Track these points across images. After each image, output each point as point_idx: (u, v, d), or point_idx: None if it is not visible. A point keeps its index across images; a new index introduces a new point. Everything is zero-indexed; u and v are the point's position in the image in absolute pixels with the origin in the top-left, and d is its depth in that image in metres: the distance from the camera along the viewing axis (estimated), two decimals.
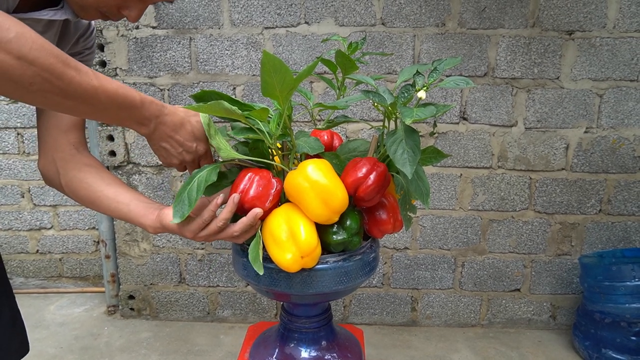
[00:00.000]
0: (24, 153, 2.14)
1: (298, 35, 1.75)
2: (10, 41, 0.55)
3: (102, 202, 0.82)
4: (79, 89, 0.63)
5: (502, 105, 1.78)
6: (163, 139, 0.77)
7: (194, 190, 0.72)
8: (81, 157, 0.87)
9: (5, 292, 0.94)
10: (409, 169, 0.70)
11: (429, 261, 1.92)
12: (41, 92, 0.60)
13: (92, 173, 0.85)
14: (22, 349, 0.96)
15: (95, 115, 0.70)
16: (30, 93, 0.60)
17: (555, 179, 1.83)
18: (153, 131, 0.76)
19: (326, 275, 0.79)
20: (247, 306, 2.00)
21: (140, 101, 0.72)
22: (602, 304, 1.67)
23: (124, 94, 0.69)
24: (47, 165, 0.89)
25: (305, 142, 0.81)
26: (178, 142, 0.78)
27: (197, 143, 0.80)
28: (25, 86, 0.58)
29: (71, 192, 0.86)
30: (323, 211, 0.75)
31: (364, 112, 1.80)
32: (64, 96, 0.62)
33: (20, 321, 0.97)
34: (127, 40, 1.77)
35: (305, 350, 0.90)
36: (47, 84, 0.60)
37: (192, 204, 0.71)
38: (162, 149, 0.79)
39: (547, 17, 1.70)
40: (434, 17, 1.72)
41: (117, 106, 0.68)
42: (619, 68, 1.73)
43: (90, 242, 2.24)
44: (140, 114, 0.72)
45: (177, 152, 0.79)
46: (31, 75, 0.58)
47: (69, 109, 0.65)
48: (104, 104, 0.67)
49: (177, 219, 0.71)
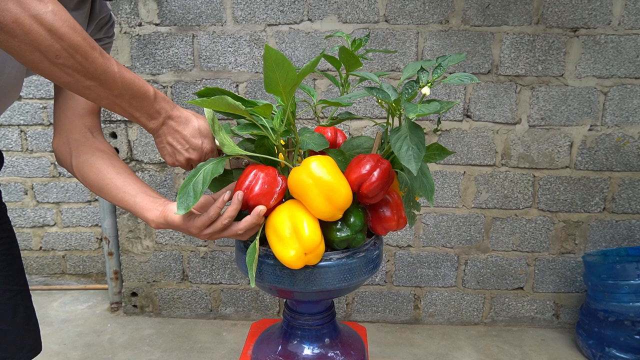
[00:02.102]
0: (27, 150, 2.15)
1: (301, 33, 1.74)
2: (46, 13, 0.59)
3: (109, 190, 0.82)
4: (99, 70, 0.66)
5: (506, 102, 1.77)
6: (170, 134, 0.78)
7: (199, 183, 0.71)
8: (95, 141, 0.88)
9: (22, 291, 0.94)
10: (414, 165, 0.69)
11: (432, 259, 1.92)
12: (64, 67, 0.63)
13: (103, 159, 0.85)
14: (35, 348, 0.96)
15: (109, 100, 0.70)
16: (54, 65, 0.63)
17: (559, 177, 1.82)
18: (161, 125, 0.77)
19: (330, 272, 0.79)
20: (250, 303, 2.00)
21: (154, 94, 0.74)
22: (606, 302, 1.66)
23: (140, 84, 0.72)
24: (60, 145, 0.89)
25: (310, 139, 0.80)
26: (184, 138, 0.79)
27: (203, 140, 0.80)
28: (51, 58, 0.62)
29: (80, 175, 0.86)
30: (327, 208, 0.75)
31: (368, 110, 1.80)
32: (84, 74, 0.65)
33: (34, 320, 0.97)
34: (129, 37, 1.77)
35: (308, 348, 0.90)
36: (71, 60, 0.63)
37: (197, 197, 0.70)
38: (169, 145, 0.79)
39: (551, 13, 1.69)
40: (438, 14, 1.71)
41: (131, 94, 0.71)
42: (624, 65, 1.72)
43: (93, 239, 2.25)
44: (151, 106, 0.74)
45: (184, 149, 0.79)
46: (58, 49, 0.61)
47: (86, 88, 0.67)
48: (120, 90, 0.69)
49: (181, 210, 0.70)
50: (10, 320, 0.91)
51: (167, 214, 0.76)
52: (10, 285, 0.91)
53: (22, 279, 0.94)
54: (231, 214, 0.73)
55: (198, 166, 0.74)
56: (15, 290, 0.92)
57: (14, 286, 0.92)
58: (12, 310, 0.91)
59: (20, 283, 0.93)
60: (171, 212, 0.75)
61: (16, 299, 0.92)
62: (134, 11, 1.75)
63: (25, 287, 0.95)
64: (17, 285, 0.93)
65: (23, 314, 0.93)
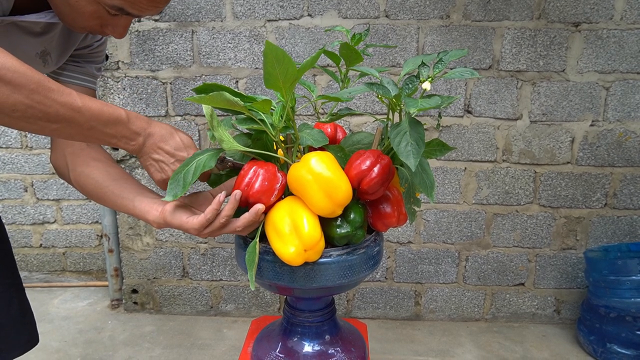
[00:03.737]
0: (27, 147, 2.14)
1: (301, 28, 1.73)
2: None
3: (108, 198, 0.83)
4: (62, 111, 0.63)
5: (507, 98, 1.76)
6: (154, 151, 0.77)
7: (190, 173, 0.71)
8: (90, 151, 0.88)
9: (15, 284, 0.95)
10: (412, 161, 0.69)
11: (433, 255, 1.91)
12: (24, 118, 0.61)
13: (99, 168, 0.85)
14: (32, 340, 0.98)
15: (82, 136, 0.69)
16: (14, 119, 0.60)
17: (561, 173, 1.81)
18: (142, 144, 0.76)
19: (330, 269, 0.78)
20: (250, 300, 2.00)
21: (127, 116, 0.72)
22: (608, 298, 1.66)
23: (109, 111, 0.69)
24: (58, 160, 0.90)
25: (309, 135, 0.80)
26: (169, 152, 0.77)
27: (188, 151, 0.79)
28: (8, 113, 0.59)
29: (80, 187, 0.87)
30: (326, 204, 0.74)
31: (368, 105, 1.79)
32: (47, 120, 0.62)
33: (30, 313, 0.98)
34: (129, 33, 1.76)
35: (308, 345, 0.90)
36: (30, 110, 0.60)
37: (185, 187, 0.70)
38: (155, 162, 0.78)
39: (553, 8, 1.68)
40: (438, 9, 1.70)
41: (103, 123, 0.68)
42: (626, 60, 1.71)
43: (93, 236, 2.24)
44: (127, 128, 0.72)
45: (171, 162, 0.78)
46: (13, 102, 0.58)
47: (55, 131, 0.65)
48: (90, 123, 0.67)
49: (169, 197, 0.71)
50: (4, 313, 0.92)
51: (166, 215, 0.76)
52: (2, 279, 0.93)
53: (15, 273, 0.96)
54: (228, 213, 0.73)
55: (193, 155, 0.73)
56: (8, 284, 0.94)
57: (7, 280, 0.94)
58: (6, 304, 0.93)
59: (13, 277, 0.95)
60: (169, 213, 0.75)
61: (9, 292, 0.93)
62: None
63: (17, 280, 0.96)
64: (10, 279, 0.94)
65: (17, 307, 0.95)
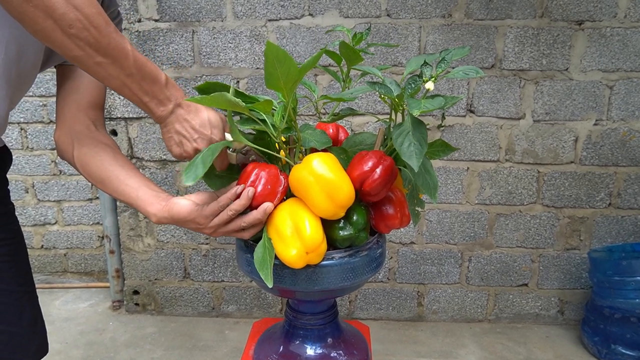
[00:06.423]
0: (27, 148, 2.14)
1: (302, 28, 1.72)
2: None
3: (111, 182, 0.80)
4: (113, 46, 0.64)
5: (510, 97, 1.75)
6: (179, 122, 0.76)
7: (208, 155, 0.70)
8: (98, 134, 0.86)
9: (28, 292, 0.92)
10: (415, 162, 0.68)
11: (435, 256, 1.90)
12: (77, 39, 0.62)
13: (106, 151, 0.83)
14: (41, 350, 0.95)
15: (119, 81, 0.68)
16: (66, 36, 0.61)
17: (564, 173, 1.80)
18: (170, 113, 0.75)
19: (332, 271, 0.77)
20: (252, 301, 1.99)
21: (165, 80, 0.73)
22: (612, 299, 1.65)
23: (152, 67, 0.70)
24: (62, 137, 0.87)
25: (312, 136, 0.79)
26: (193, 127, 0.76)
27: (212, 130, 0.77)
28: (64, 27, 0.60)
29: (82, 167, 0.84)
30: (329, 206, 0.73)
31: (370, 105, 1.78)
32: (96, 49, 0.63)
33: (41, 321, 0.95)
34: (129, 33, 1.75)
35: (310, 348, 0.89)
36: (84, 32, 0.61)
37: (206, 166, 0.69)
38: (177, 134, 0.77)
39: (556, 6, 1.67)
40: (440, 7, 1.69)
41: (142, 76, 0.69)
42: (630, 59, 1.69)
43: (94, 237, 2.24)
44: (162, 92, 0.73)
45: (193, 139, 0.76)
46: (72, 18, 0.60)
47: (97, 65, 0.65)
48: (131, 70, 0.68)
49: (189, 180, 0.68)
50: (16, 322, 0.89)
51: (172, 207, 0.74)
52: (16, 287, 0.89)
53: (29, 280, 0.92)
54: (237, 208, 0.72)
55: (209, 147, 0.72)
56: (22, 291, 0.91)
57: (20, 287, 0.90)
58: (18, 312, 0.89)
59: (27, 284, 0.91)
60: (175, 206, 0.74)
61: (22, 300, 0.90)
62: (133, 7, 1.73)
63: (32, 288, 0.93)
64: (24, 287, 0.91)
65: (29, 316, 0.91)
